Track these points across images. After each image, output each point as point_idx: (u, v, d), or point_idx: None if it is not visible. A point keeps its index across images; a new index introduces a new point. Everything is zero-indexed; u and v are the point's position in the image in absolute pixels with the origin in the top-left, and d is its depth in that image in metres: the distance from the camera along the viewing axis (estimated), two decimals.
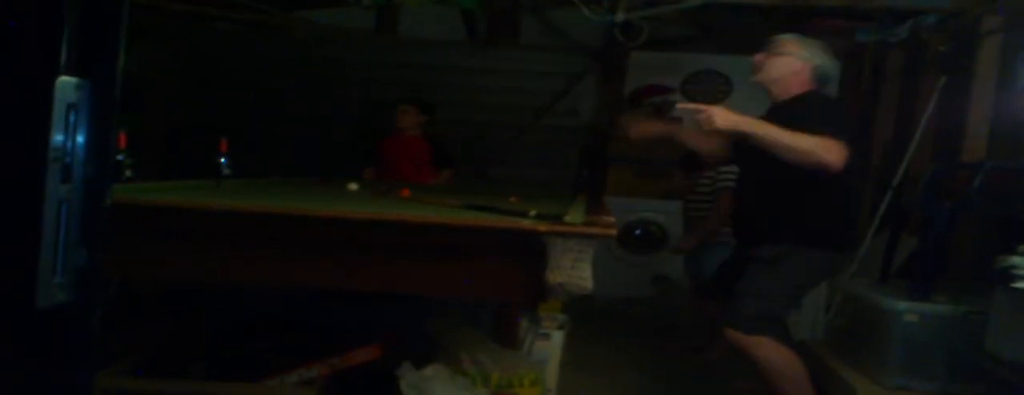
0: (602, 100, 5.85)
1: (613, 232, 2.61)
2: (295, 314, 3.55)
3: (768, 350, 3.01)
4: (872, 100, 5.23)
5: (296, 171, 4.60)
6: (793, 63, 3.12)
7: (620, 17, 4.07)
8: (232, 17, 5.50)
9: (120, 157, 3.37)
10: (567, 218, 2.66)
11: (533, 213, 2.80)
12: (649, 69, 5.67)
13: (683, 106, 3.35)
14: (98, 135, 1.12)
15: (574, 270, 2.48)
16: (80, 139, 1.09)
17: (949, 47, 4.26)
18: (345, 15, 5.11)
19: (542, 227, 2.56)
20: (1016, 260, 2.79)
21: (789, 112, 3.02)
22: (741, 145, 3.12)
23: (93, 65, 1.10)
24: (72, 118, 1.09)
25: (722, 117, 2.93)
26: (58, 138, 1.06)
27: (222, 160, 3.80)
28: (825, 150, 2.83)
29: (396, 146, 5.28)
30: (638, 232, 5.45)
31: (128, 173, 3.40)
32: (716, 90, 5.74)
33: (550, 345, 3.30)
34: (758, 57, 3.18)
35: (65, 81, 1.06)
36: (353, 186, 3.94)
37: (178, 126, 4.98)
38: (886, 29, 4.50)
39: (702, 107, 3.01)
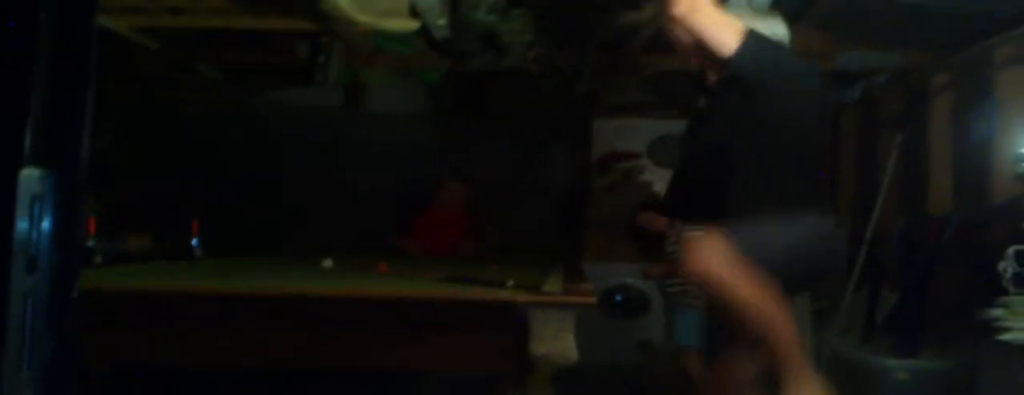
0: (572, 166, 5.92)
1: (592, 300, 2.60)
2: None
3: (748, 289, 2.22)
4: (832, 158, 5.32)
5: (278, 248, 4.56)
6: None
7: (583, 88, 4.14)
8: (200, 100, 5.55)
9: (90, 243, 3.33)
10: (545, 287, 2.65)
11: (511, 283, 2.78)
12: (614, 135, 5.74)
13: None
14: (64, 225, 1.10)
15: (557, 341, 2.45)
16: (45, 228, 1.07)
17: (902, 105, 4.34)
18: (311, 94, 5.16)
19: (521, 298, 2.54)
20: (998, 312, 2.79)
21: None
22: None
23: (58, 155, 1.09)
24: (36, 209, 1.07)
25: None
26: (22, 228, 1.04)
27: (193, 241, 3.77)
28: None
29: (438, 219, 5.35)
30: (619, 298, 5.42)
31: (98, 258, 3.36)
32: None
33: None
34: None
35: (29, 173, 1.05)
36: (327, 263, 3.90)
37: (150, 206, 4.94)
38: (839, 91, 4.57)
39: None
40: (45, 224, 1.08)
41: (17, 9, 1.06)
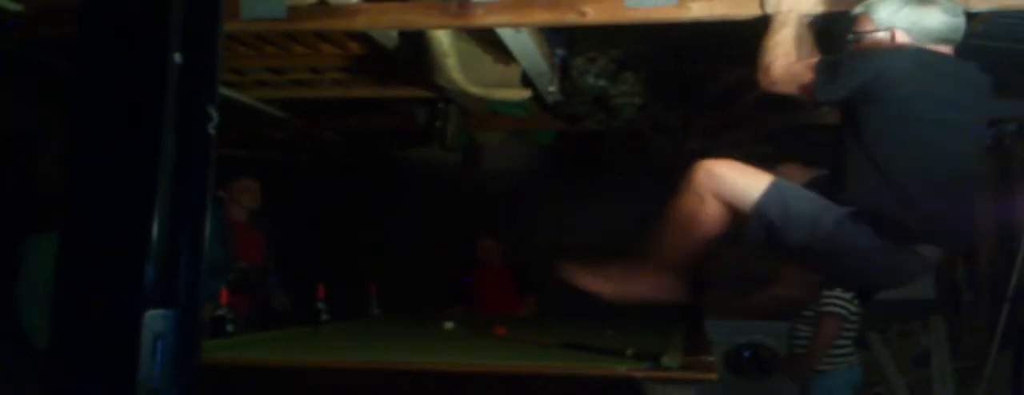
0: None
1: (713, 376, 2.51)
2: None
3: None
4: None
5: (392, 308, 4.63)
6: (879, 40, 2.29)
7: (692, 145, 4.07)
8: (324, 163, 5.77)
9: (221, 312, 3.44)
10: (664, 359, 2.58)
11: (630, 352, 2.74)
12: None
13: None
14: (184, 360, 1.14)
15: None
16: (167, 365, 1.11)
17: None
18: (431, 154, 5.26)
19: (639, 374, 2.48)
20: None
21: None
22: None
23: (179, 294, 1.13)
24: (159, 346, 1.11)
25: None
26: (146, 366, 1.08)
27: (319, 306, 3.85)
28: (770, 63, 2.34)
29: (482, 278, 5.35)
30: (747, 354, 5.23)
31: (230, 327, 3.46)
32: None
33: None
34: None
35: (153, 314, 1.09)
36: (449, 325, 3.94)
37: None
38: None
39: None
40: (167, 361, 1.12)
41: (139, 162, 1.10)
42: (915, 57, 2.20)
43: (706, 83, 3.68)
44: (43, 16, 2.98)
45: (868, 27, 2.26)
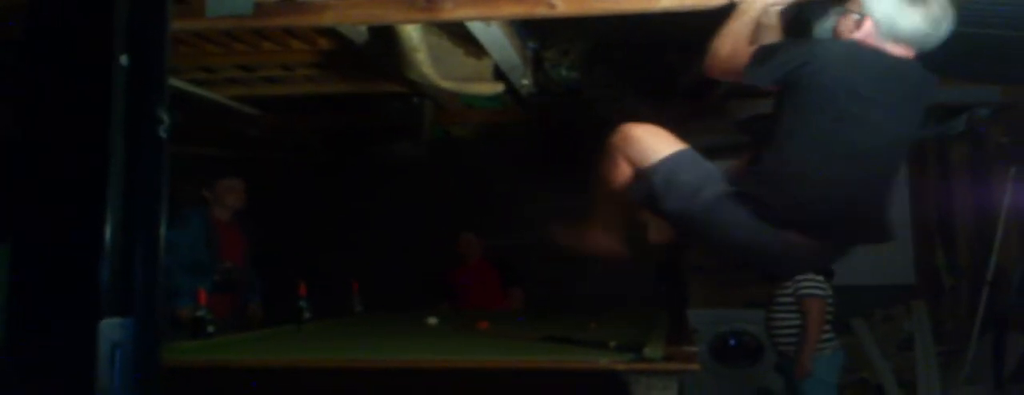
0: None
1: (695, 366, 2.50)
2: None
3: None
4: (945, 192, 5.10)
5: (375, 304, 4.61)
6: (845, 23, 2.30)
7: None
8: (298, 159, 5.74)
9: (201, 313, 3.41)
10: (647, 351, 2.57)
11: (613, 344, 2.74)
12: None
13: None
14: (144, 368, 1.11)
15: None
16: (126, 374, 1.09)
17: (1011, 139, 4.15)
18: (405, 148, 5.24)
19: (620, 366, 2.47)
20: None
21: None
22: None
23: (135, 302, 1.10)
24: (117, 355, 1.08)
25: None
26: (104, 376, 1.06)
27: (301, 304, 3.83)
28: (717, 48, 2.35)
29: (465, 275, 5.33)
30: (733, 342, 5.24)
31: (210, 328, 3.43)
32: None
33: None
34: None
35: (109, 322, 1.06)
36: (432, 320, 3.93)
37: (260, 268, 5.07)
38: (941, 124, 4.41)
39: None
40: (126, 370, 1.09)
41: (88, 169, 1.08)
42: (850, 52, 2.21)
43: (679, 73, 3.66)
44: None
45: (853, 7, 2.25)
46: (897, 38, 2.20)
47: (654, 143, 2.37)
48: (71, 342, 1.06)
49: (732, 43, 2.34)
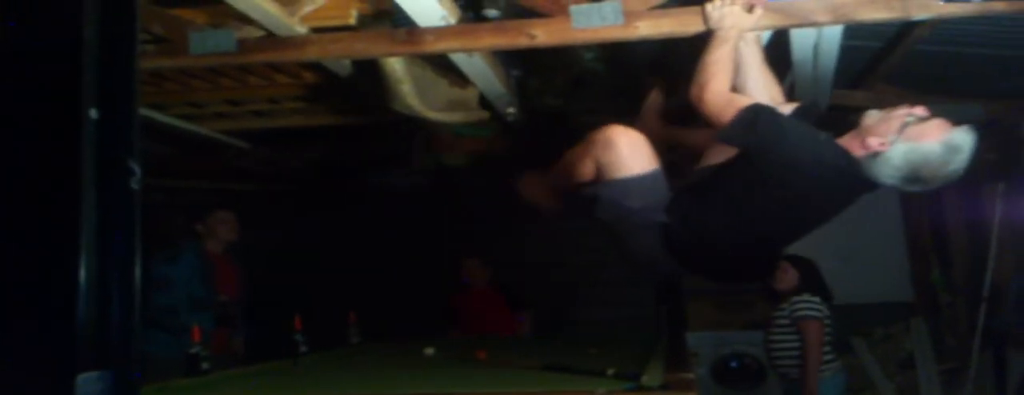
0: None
1: (693, 394, 2.48)
2: None
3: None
4: (937, 209, 5.10)
5: (375, 334, 4.58)
6: (856, 139, 2.31)
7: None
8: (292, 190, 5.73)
9: (195, 349, 3.38)
10: (645, 379, 2.55)
11: (611, 372, 2.71)
12: None
13: None
14: None
15: None
16: None
17: (997, 155, 4.15)
18: (402, 178, 5.24)
19: None
20: None
21: None
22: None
23: (112, 355, 1.09)
24: None
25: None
26: None
27: (297, 337, 3.79)
28: (705, 82, 2.35)
29: (470, 301, 5.28)
30: (734, 364, 5.21)
31: (205, 365, 3.40)
32: None
33: None
34: None
35: (86, 376, 1.05)
36: (429, 351, 3.89)
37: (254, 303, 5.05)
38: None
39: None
40: None
41: (61, 222, 1.07)
42: (816, 149, 2.26)
43: (667, 97, 3.66)
44: None
45: (874, 133, 2.23)
46: (895, 179, 2.23)
47: (627, 159, 2.40)
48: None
49: (720, 78, 2.36)
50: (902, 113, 2.22)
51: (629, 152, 2.41)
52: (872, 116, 2.27)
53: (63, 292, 1.05)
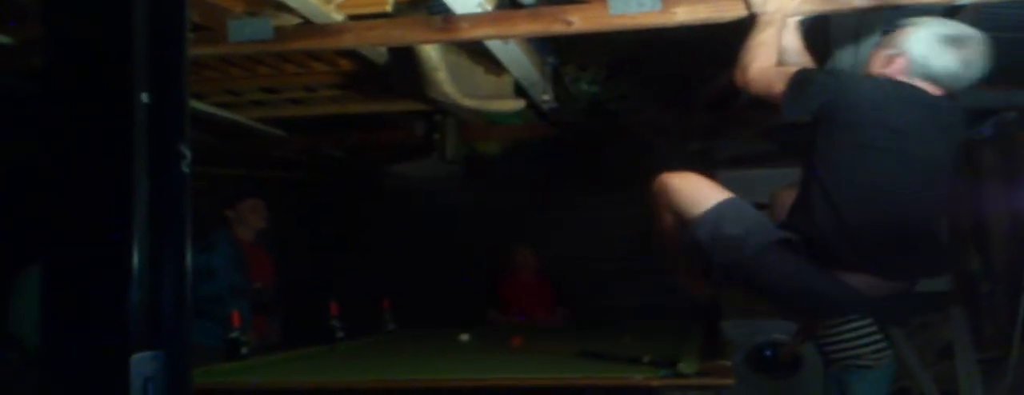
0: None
1: (730, 380, 2.48)
2: None
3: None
4: (977, 197, 5.02)
5: (409, 321, 4.61)
6: (878, 58, 2.30)
7: (694, 147, 4.05)
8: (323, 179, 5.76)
9: (234, 334, 3.42)
10: (681, 366, 2.55)
11: (647, 359, 2.72)
12: (735, 186, 5.48)
13: None
14: None
15: None
16: None
17: None
18: (433, 166, 5.26)
19: (656, 382, 2.46)
20: None
21: None
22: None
23: (165, 335, 1.11)
24: (150, 389, 1.09)
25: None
26: None
27: (333, 323, 3.83)
28: (749, 63, 2.32)
29: (517, 286, 5.35)
30: (768, 353, 5.17)
31: (244, 349, 3.44)
32: None
33: None
34: None
35: (140, 357, 1.07)
36: (464, 337, 3.92)
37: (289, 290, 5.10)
38: (970, 128, 4.37)
39: None
40: None
41: (114, 205, 1.08)
42: (883, 86, 2.19)
43: (702, 84, 3.64)
44: (33, 47, 2.98)
45: (889, 43, 2.26)
46: (928, 77, 2.19)
47: (694, 194, 2.35)
48: (103, 377, 1.07)
49: (764, 59, 2.33)
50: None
51: (690, 186, 2.38)
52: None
53: (117, 273, 1.06)
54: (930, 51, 2.18)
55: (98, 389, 1.07)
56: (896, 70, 2.21)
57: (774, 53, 2.35)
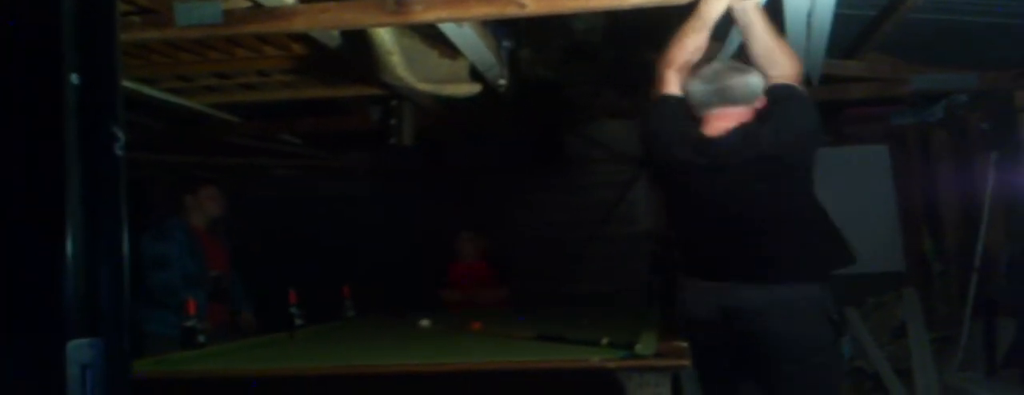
0: (657, 205, 5.81)
1: (687, 361, 2.50)
2: None
3: None
4: (929, 179, 5.12)
5: (366, 308, 4.59)
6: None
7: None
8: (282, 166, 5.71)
9: (190, 323, 3.38)
10: (638, 347, 2.56)
11: (605, 341, 2.72)
12: None
13: None
14: (115, 389, 1.10)
15: None
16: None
17: (990, 125, 4.17)
18: (392, 154, 5.23)
19: (612, 364, 2.47)
20: None
21: None
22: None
23: (103, 322, 1.09)
24: (88, 377, 1.07)
25: None
26: None
27: (292, 311, 3.80)
28: (668, 54, 2.51)
29: (461, 271, 5.38)
30: None
31: (201, 338, 3.40)
32: None
33: None
34: None
35: (77, 344, 1.05)
36: (425, 323, 3.90)
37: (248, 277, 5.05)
38: (921, 111, 4.46)
39: None
40: (98, 391, 1.08)
41: (45, 189, 1.06)
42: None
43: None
44: None
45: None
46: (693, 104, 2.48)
47: None
48: (40, 364, 1.05)
49: (677, 49, 2.49)
50: None
51: None
52: None
53: (51, 259, 1.04)
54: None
55: (34, 376, 1.05)
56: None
57: (695, 40, 2.47)
